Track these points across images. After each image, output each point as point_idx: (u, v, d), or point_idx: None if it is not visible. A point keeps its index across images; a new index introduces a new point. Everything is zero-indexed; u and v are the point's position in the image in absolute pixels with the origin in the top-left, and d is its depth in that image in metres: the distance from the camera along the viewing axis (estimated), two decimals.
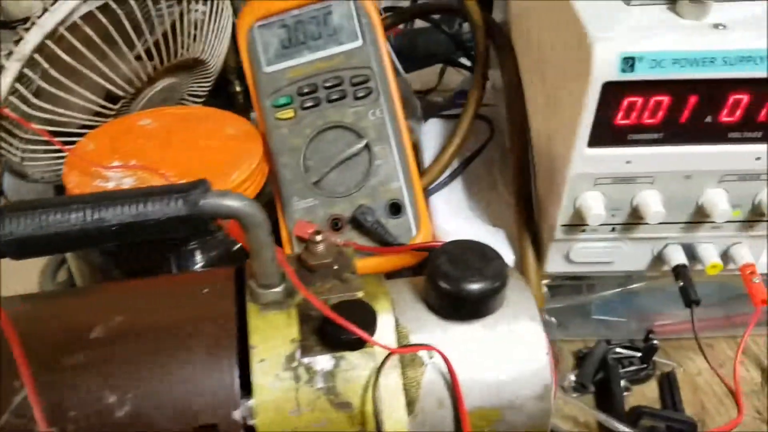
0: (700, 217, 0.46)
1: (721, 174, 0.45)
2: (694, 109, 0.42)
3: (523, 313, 0.44)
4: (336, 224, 0.54)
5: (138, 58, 0.59)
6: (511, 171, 0.54)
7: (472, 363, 0.42)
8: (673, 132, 0.43)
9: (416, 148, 0.67)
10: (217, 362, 0.38)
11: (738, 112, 0.42)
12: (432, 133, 0.67)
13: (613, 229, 0.48)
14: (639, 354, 0.60)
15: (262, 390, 0.38)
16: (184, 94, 0.68)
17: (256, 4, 0.56)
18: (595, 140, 0.43)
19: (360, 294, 0.42)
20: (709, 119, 0.42)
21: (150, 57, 0.60)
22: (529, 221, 0.52)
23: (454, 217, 0.57)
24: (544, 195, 0.50)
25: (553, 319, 0.64)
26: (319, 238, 0.43)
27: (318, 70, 0.55)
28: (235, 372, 0.38)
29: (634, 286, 0.57)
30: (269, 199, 0.57)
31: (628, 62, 0.39)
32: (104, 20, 0.54)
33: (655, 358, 0.60)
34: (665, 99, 0.41)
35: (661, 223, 0.47)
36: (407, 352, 0.41)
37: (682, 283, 0.48)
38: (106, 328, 0.39)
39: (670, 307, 0.63)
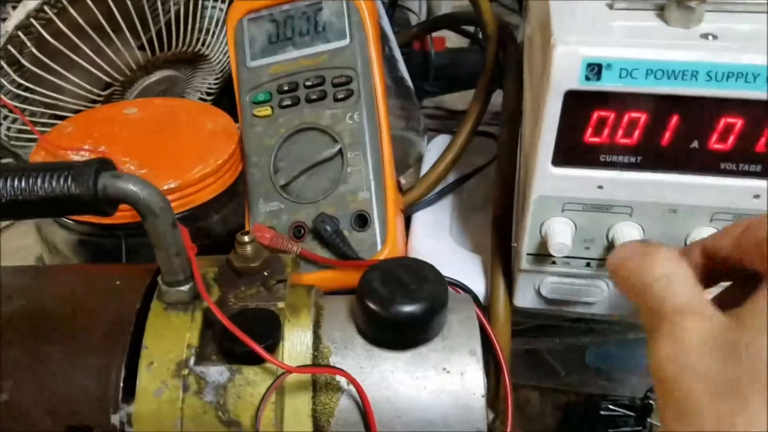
0: None
1: (712, 211, 0.38)
2: (676, 130, 0.36)
3: (463, 346, 0.39)
4: (299, 231, 0.50)
5: (140, 47, 0.58)
6: (493, 193, 0.49)
7: (396, 396, 0.38)
8: (653, 156, 0.37)
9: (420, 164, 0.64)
10: (102, 360, 0.35)
11: (731, 139, 0.36)
12: (436, 149, 0.63)
13: (588, 264, 0.42)
14: (633, 414, 0.53)
15: (145, 396, 0.35)
16: (187, 89, 0.67)
17: None
18: (561, 159, 0.38)
19: (280, 305, 0.38)
20: (695, 144, 0.36)
21: (149, 47, 0.59)
22: (504, 249, 0.47)
23: (431, 237, 0.53)
24: (517, 220, 0.45)
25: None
26: (246, 239, 0.40)
27: (301, 67, 0.52)
28: (120, 373, 0.35)
29: (630, 335, 0.51)
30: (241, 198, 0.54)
31: (593, 69, 0.34)
32: (93, 6, 0.53)
33: (651, 420, 0.53)
34: (642, 116, 0.36)
35: None
36: (308, 373, 0.37)
37: None
38: (4, 310, 0.37)
39: None
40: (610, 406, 0.54)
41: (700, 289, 0.29)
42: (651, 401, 0.51)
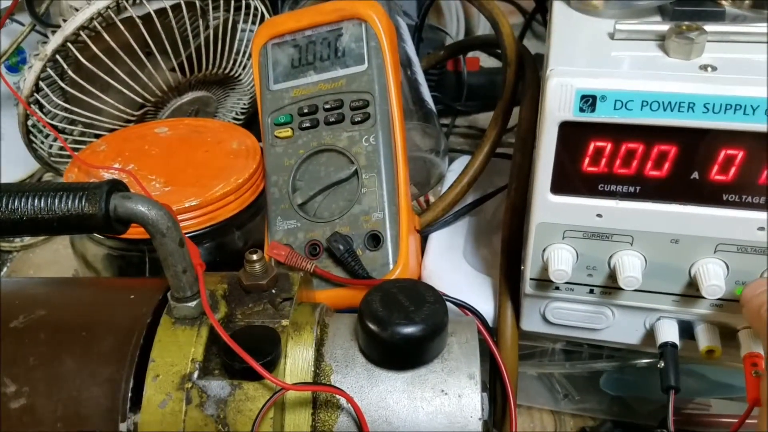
0: (695, 291, 0.40)
1: (715, 242, 0.38)
2: (675, 161, 0.36)
3: (462, 369, 0.39)
4: (314, 250, 0.51)
5: (171, 69, 0.61)
6: (503, 216, 0.50)
7: (394, 417, 0.38)
8: (652, 186, 0.37)
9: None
10: (113, 370, 0.37)
11: (732, 171, 0.35)
12: (458, 170, 0.63)
13: (592, 291, 0.42)
14: None
15: (150, 407, 0.36)
16: (220, 108, 0.70)
17: (272, 21, 0.56)
18: (560, 187, 0.38)
19: (284, 322, 0.40)
20: (695, 175, 0.36)
21: (180, 70, 0.61)
22: (513, 272, 0.47)
23: (444, 258, 0.53)
24: (524, 245, 0.45)
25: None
26: (254, 257, 0.41)
27: (320, 91, 0.54)
28: (128, 383, 0.37)
29: (642, 361, 0.50)
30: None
31: (587, 101, 0.34)
32: (125, 31, 0.56)
33: None
34: (639, 147, 0.36)
35: (648, 292, 0.41)
36: (305, 391, 0.38)
37: (662, 364, 0.41)
38: (27, 319, 0.40)
39: (701, 393, 0.55)
40: None
41: None
42: (665, 430, 0.50)
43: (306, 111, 0.54)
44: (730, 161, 0.35)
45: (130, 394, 0.37)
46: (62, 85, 0.57)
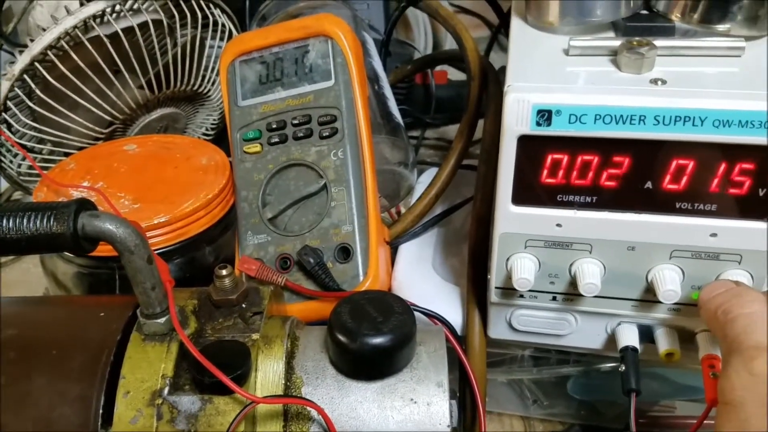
0: (653, 296, 0.41)
1: (670, 249, 0.39)
2: (629, 172, 0.37)
3: (430, 378, 0.40)
4: (285, 263, 0.52)
5: (140, 87, 0.61)
6: (469, 227, 0.51)
7: (364, 426, 0.39)
8: (608, 196, 0.38)
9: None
10: (83, 388, 0.38)
11: (684, 180, 0.37)
12: (427, 182, 0.64)
13: (554, 298, 0.43)
14: None
15: (121, 424, 0.37)
16: (190, 125, 0.70)
17: (240, 39, 0.57)
18: (520, 198, 0.39)
19: (255, 336, 0.40)
20: (649, 185, 0.37)
21: (148, 87, 0.62)
22: (480, 282, 0.48)
23: (414, 269, 0.54)
24: (489, 255, 0.46)
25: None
26: (224, 272, 0.42)
27: (288, 106, 0.55)
28: (99, 401, 0.37)
29: (606, 366, 0.52)
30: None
31: (543, 115, 0.36)
32: (93, 50, 0.56)
33: None
34: (594, 158, 0.37)
35: (607, 298, 0.42)
36: (275, 404, 0.38)
37: (624, 367, 0.42)
38: None
39: (665, 396, 0.56)
40: None
41: None
42: None
43: (275, 126, 0.55)
44: (681, 171, 0.37)
45: (101, 411, 0.37)
46: (30, 104, 0.57)
